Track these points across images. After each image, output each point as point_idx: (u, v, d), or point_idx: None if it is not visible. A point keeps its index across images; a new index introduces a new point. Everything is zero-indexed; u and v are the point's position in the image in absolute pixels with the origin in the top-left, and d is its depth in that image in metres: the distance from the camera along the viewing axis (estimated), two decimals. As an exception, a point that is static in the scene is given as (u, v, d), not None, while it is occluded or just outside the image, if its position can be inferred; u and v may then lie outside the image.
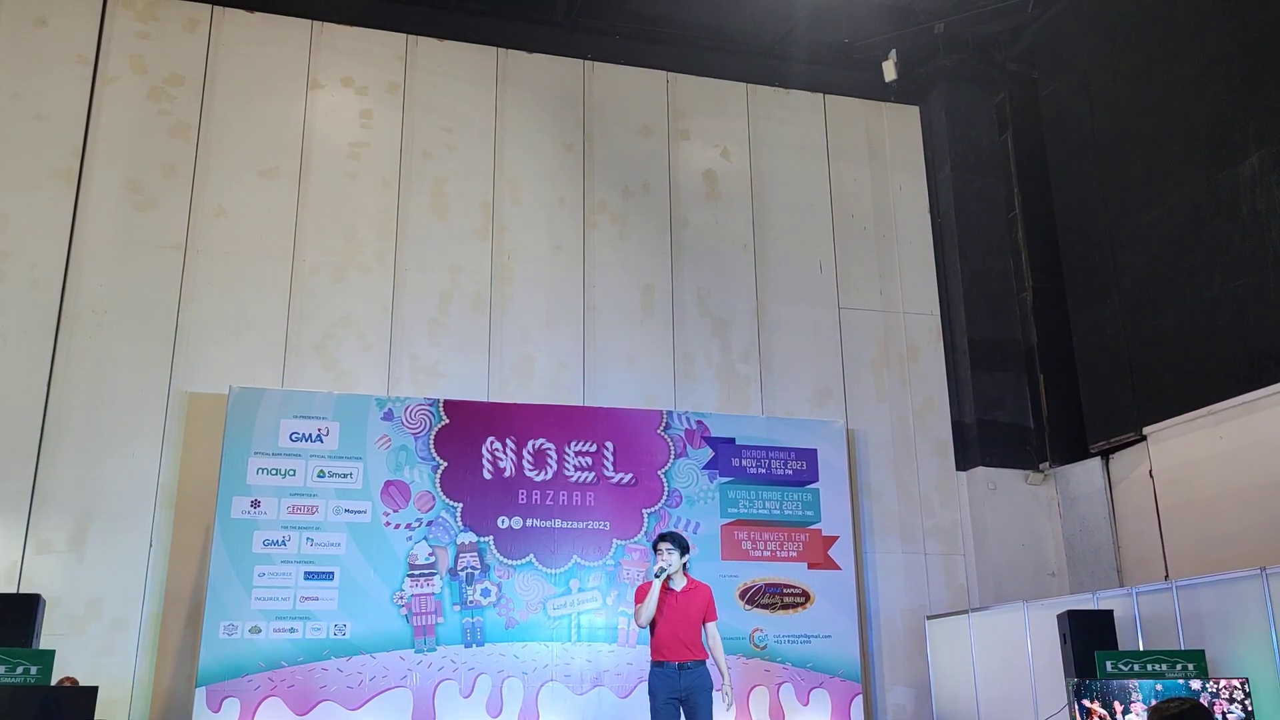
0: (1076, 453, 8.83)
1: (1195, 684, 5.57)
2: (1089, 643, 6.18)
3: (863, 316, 9.56)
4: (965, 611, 8.20)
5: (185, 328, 7.95)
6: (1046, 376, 9.20)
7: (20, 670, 5.36)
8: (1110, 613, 6.41)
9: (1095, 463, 8.59)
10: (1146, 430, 7.97)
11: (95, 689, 5.30)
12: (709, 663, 5.93)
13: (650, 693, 5.87)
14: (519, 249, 8.88)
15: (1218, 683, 5.52)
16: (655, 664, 5.88)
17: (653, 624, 5.94)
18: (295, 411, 7.65)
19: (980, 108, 10.07)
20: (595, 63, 9.51)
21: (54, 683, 5.70)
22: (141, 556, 7.42)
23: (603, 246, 9.09)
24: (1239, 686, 5.47)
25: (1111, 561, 8.33)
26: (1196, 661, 5.83)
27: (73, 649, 6.92)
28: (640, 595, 5.99)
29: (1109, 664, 5.91)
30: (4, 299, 7.62)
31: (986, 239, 9.72)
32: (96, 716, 5.40)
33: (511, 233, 8.90)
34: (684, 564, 6.02)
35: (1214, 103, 7.58)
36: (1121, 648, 6.25)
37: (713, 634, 6.04)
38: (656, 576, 5.87)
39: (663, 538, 6.02)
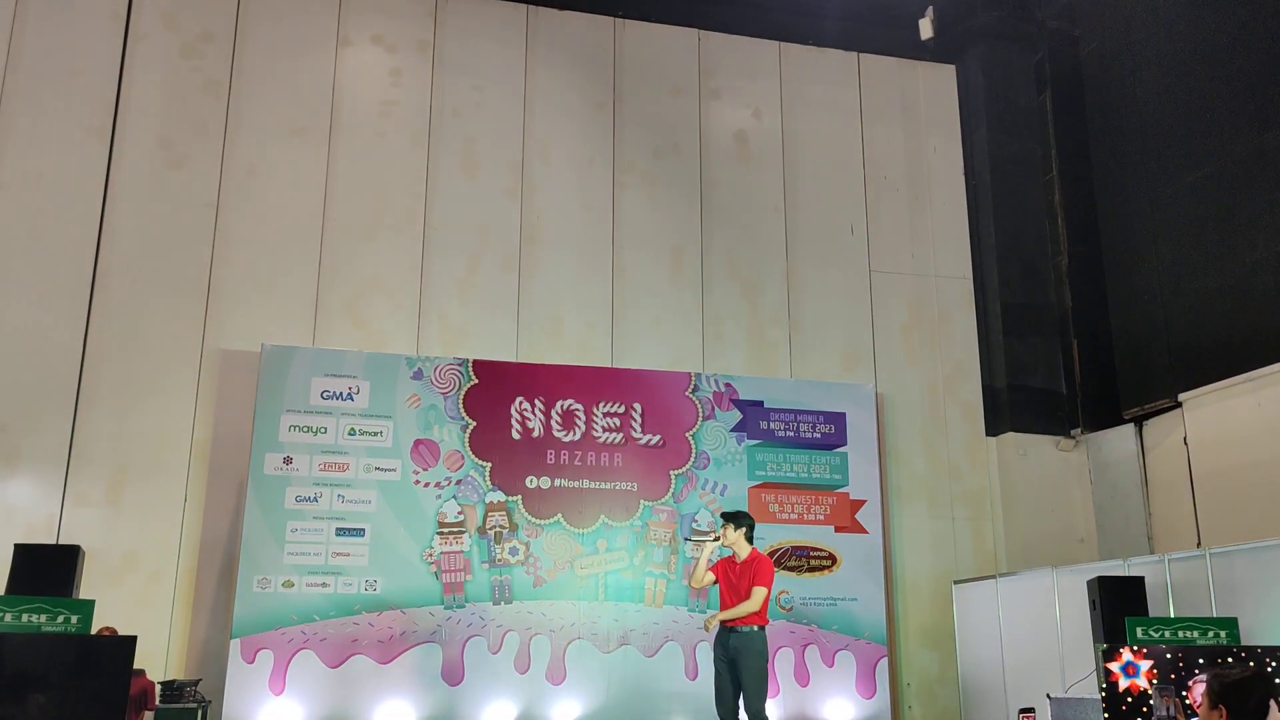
0: (1109, 419, 8.73)
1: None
2: (1119, 609, 6.14)
3: (894, 280, 9.46)
4: (993, 576, 8.18)
5: (217, 285, 8.01)
6: (1080, 341, 9.08)
7: (61, 619, 5.47)
8: (1141, 579, 6.37)
9: (1128, 429, 8.49)
10: (1182, 397, 7.86)
11: (134, 638, 5.39)
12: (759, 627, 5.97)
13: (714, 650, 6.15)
14: (548, 209, 8.84)
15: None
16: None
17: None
18: (326, 370, 7.70)
19: (1019, 67, 9.85)
20: (626, 20, 9.39)
21: (93, 633, 5.82)
22: (177, 510, 7.53)
23: (632, 207, 9.03)
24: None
25: (1143, 528, 8.26)
26: (1229, 629, 5.78)
27: (110, 600, 7.03)
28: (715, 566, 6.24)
29: (1139, 630, 5.88)
30: (40, 256, 7.70)
31: (1022, 201, 9.56)
32: (134, 666, 5.51)
33: (541, 192, 8.86)
34: (745, 536, 6.13)
35: (1260, 62, 7.37)
36: (1152, 615, 6.21)
37: (751, 595, 5.96)
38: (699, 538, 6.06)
39: (724, 515, 6.26)
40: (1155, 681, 5.38)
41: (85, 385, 7.57)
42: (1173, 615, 6.29)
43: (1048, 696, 6.74)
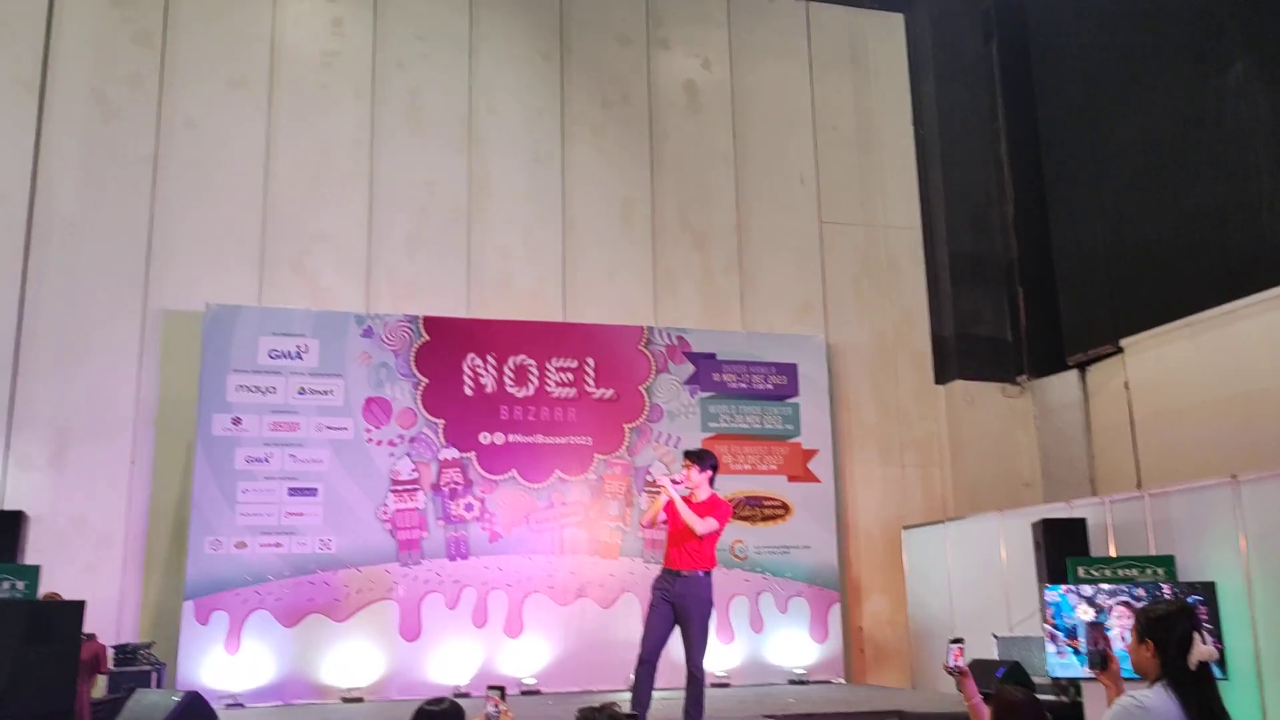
0: (1054, 366, 8.90)
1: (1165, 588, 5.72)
2: (1061, 550, 6.30)
3: (843, 230, 9.50)
4: (941, 522, 8.36)
5: (158, 243, 7.81)
6: (1026, 290, 9.22)
7: (7, 585, 5.38)
8: (1083, 520, 6.54)
9: (1072, 375, 8.67)
10: (1123, 342, 8.03)
11: (82, 603, 5.33)
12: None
13: (652, 590, 5.73)
14: (496, 161, 8.72)
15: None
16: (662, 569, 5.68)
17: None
18: (273, 329, 7.59)
19: (966, 16, 9.85)
20: (573, -32, 9.22)
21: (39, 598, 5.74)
22: (123, 473, 7.41)
23: (582, 159, 8.94)
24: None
25: (1085, 472, 8.47)
26: (1166, 566, 5.97)
27: (59, 565, 6.91)
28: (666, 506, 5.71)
29: (1080, 569, 6.05)
30: (-31, 214, 7.44)
31: (969, 152, 9.62)
32: (85, 630, 5.45)
33: (489, 145, 8.73)
34: (709, 479, 5.84)
35: (1201, 9, 7.46)
36: (1094, 554, 6.39)
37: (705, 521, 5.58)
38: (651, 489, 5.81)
39: (688, 454, 5.84)
40: (1087, 619, 5.60)
41: (24, 346, 7.37)
42: (1113, 554, 6.48)
43: (994, 635, 6.94)
